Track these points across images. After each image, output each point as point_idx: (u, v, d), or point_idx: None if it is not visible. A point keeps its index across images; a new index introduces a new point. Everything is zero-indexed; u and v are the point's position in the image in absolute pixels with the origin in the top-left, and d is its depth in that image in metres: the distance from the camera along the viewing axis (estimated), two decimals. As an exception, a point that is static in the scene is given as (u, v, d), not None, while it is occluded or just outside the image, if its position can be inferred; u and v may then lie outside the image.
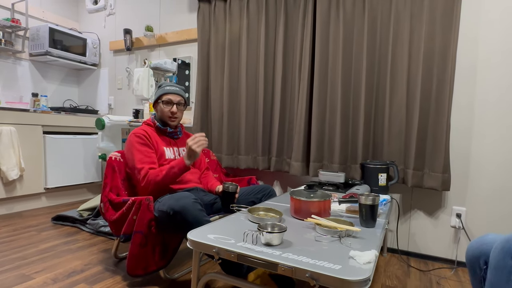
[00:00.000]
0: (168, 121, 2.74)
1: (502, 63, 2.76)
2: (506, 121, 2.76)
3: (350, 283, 1.30)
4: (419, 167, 2.95)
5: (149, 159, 2.53)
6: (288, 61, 3.55)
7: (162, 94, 2.70)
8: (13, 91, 4.76)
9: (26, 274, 2.46)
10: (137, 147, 2.53)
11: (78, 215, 3.70)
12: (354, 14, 3.16)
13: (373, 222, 2.03)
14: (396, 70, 3.03)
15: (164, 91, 2.70)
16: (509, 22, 2.73)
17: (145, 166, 2.47)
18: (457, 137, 2.94)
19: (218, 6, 3.86)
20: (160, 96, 2.70)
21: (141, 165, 2.48)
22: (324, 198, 2.17)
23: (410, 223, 3.17)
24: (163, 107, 2.69)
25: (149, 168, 2.47)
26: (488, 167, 2.84)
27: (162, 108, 2.69)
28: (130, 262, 2.25)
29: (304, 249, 1.61)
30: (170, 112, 2.70)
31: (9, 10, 4.64)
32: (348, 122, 3.24)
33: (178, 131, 2.84)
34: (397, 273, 2.77)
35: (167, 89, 2.71)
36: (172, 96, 2.70)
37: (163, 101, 2.68)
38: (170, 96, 2.69)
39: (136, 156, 2.51)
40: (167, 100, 2.68)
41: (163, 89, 2.71)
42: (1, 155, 3.82)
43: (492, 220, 2.85)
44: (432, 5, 2.84)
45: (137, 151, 2.52)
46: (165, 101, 2.68)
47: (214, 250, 1.65)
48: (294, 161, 3.40)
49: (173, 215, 2.14)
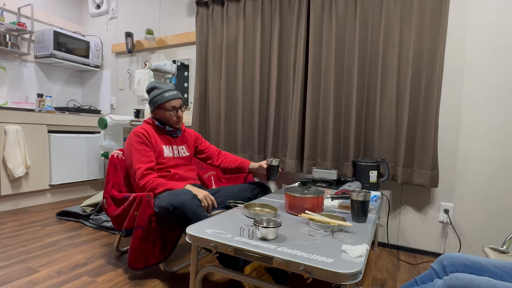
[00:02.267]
0: (174, 125, 2.71)
1: (488, 64, 2.76)
2: (492, 120, 2.76)
3: (342, 276, 1.31)
4: (408, 165, 2.94)
5: (147, 158, 2.49)
6: (283, 62, 3.54)
7: (164, 102, 2.60)
8: (19, 91, 4.75)
9: (32, 267, 2.46)
10: (135, 146, 2.50)
11: (81, 211, 3.70)
12: (346, 17, 3.15)
13: (364, 218, 2.03)
14: (387, 71, 3.03)
15: (165, 99, 2.60)
16: (495, 25, 2.73)
17: (142, 166, 2.44)
18: (445, 135, 2.94)
19: (215, 10, 3.85)
20: (162, 104, 2.61)
21: (138, 165, 2.45)
22: (317, 194, 2.17)
23: (400, 219, 3.17)
24: (168, 114, 2.63)
25: (146, 169, 2.44)
26: (475, 165, 2.84)
27: (167, 114, 2.63)
28: (131, 255, 2.25)
29: (298, 243, 1.61)
30: (177, 117, 2.68)
31: (15, 14, 4.63)
32: (340, 122, 3.23)
33: (177, 130, 2.80)
34: (387, 266, 2.77)
35: (167, 96, 2.61)
36: (175, 102, 2.63)
37: (167, 109, 2.61)
38: (173, 103, 2.62)
39: (134, 156, 2.48)
40: (172, 107, 2.62)
41: (163, 97, 2.60)
42: (7, 153, 3.82)
43: (478, 215, 2.85)
44: (421, 8, 2.84)
45: (135, 150, 2.49)
46: (169, 108, 2.61)
47: (212, 244, 1.65)
48: (288, 159, 3.39)
49: (173, 210, 2.13)
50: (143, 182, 2.40)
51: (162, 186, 2.39)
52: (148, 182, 2.40)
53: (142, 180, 2.41)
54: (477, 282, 1.28)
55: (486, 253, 1.94)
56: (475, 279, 1.30)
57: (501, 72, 2.72)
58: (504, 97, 2.71)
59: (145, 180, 2.40)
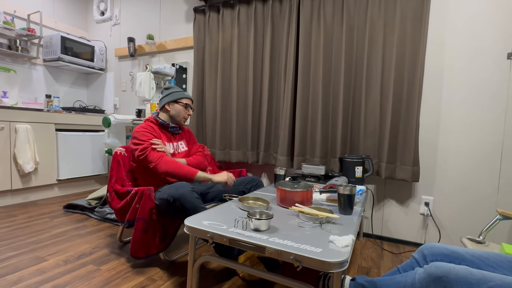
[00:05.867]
0: (181, 121, 2.76)
1: (465, 67, 2.76)
2: (470, 119, 2.76)
3: (330, 264, 1.31)
4: (391, 161, 2.94)
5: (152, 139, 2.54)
6: (275, 65, 3.52)
7: (183, 98, 2.71)
8: (28, 93, 4.72)
9: (40, 256, 2.45)
10: (142, 132, 2.52)
11: (87, 204, 3.69)
12: (334, 24, 3.14)
13: (351, 210, 2.03)
14: (371, 73, 3.02)
15: (184, 95, 2.73)
16: (472, 30, 2.73)
17: (147, 142, 2.47)
18: (426, 133, 2.94)
19: (212, 17, 3.83)
20: (180, 98, 2.70)
21: (143, 141, 2.48)
22: (306, 188, 2.18)
23: (383, 211, 3.17)
24: (181, 109, 2.70)
25: (150, 143, 2.47)
26: (453, 161, 2.84)
27: (180, 109, 2.70)
28: (133, 245, 2.26)
29: (288, 234, 1.61)
30: (188, 114, 2.76)
31: (25, 21, 4.60)
32: (328, 121, 3.22)
33: (178, 128, 2.83)
34: (372, 256, 2.77)
35: (186, 94, 2.76)
36: (189, 100, 2.76)
37: (184, 104, 2.71)
38: (188, 101, 2.75)
39: (140, 137, 2.49)
40: (186, 105, 2.73)
41: (183, 93, 2.74)
42: (18, 150, 3.82)
43: (457, 208, 2.85)
44: (403, 15, 2.83)
45: (142, 135, 2.50)
46: (185, 104, 2.72)
47: (209, 235, 1.65)
48: (280, 155, 3.38)
49: (173, 202, 2.15)
50: (156, 156, 2.43)
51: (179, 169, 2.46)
52: (163, 159, 2.44)
53: (155, 154, 2.44)
54: (455, 270, 1.28)
55: (464, 243, 1.94)
56: (453, 267, 1.29)
57: (478, 75, 2.72)
58: (480, 98, 2.72)
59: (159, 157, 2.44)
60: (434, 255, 1.55)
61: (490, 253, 1.45)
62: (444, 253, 1.52)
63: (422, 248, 1.64)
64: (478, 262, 1.42)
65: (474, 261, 1.43)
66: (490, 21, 2.68)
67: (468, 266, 1.32)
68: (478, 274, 1.25)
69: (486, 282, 1.21)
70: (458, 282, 1.25)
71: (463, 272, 1.27)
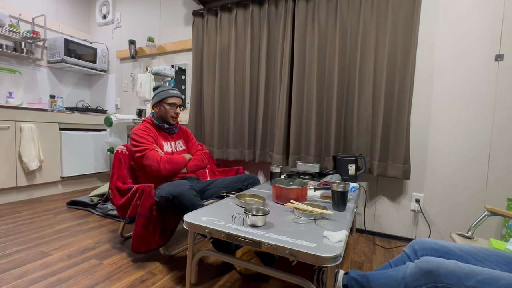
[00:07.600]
0: (170, 120, 2.73)
1: (454, 68, 2.76)
2: (458, 118, 2.76)
3: (324, 259, 1.31)
4: (383, 159, 2.94)
5: (151, 142, 2.54)
6: (270, 66, 3.51)
7: (168, 97, 2.68)
8: (33, 93, 4.71)
9: (45, 251, 2.44)
10: (139, 133, 2.53)
11: (89, 200, 3.68)
12: (327, 26, 3.14)
13: (344, 207, 2.03)
14: (364, 74, 3.02)
15: (169, 94, 2.69)
16: (460, 33, 2.73)
17: (144, 145, 2.48)
18: (417, 132, 2.94)
19: (210, 20, 3.82)
20: (165, 98, 2.68)
21: (141, 143, 2.49)
22: (301, 185, 2.17)
23: (375, 207, 3.17)
24: (168, 108, 2.68)
25: (146, 148, 2.48)
26: (443, 159, 2.84)
27: (167, 109, 2.68)
28: (134, 240, 2.26)
29: (284, 230, 1.61)
30: (175, 113, 2.73)
31: (30, 24, 4.59)
32: (322, 120, 3.22)
33: (174, 127, 2.82)
34: (365, 250, 2.76)
35: (171, 92, 2.71)
36: (176, 99, 2.71)
37: (169, 103, 2.68)
38: (174, 100, 2.70)
39: (138, 139, 2.49)
40: (173, 104, 2.69)
41: (168, 92, 2.70)
42: (23, 149, 3.80)
43: (446, 204, 2.85)
44: (395, 18, 2.83)
45: (139, 137, 2.51)
46: (171, 103, 2.68)
47: (207, 231, 1.64)
48: (275, 154, 3.37)
49: (172, 199, 2.14)
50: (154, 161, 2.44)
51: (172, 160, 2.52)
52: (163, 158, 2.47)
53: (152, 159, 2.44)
54: (444, 265, 1.27)
55: (453, 238, 1.94)
56: (443, 261, 1.29)
57: (466, 76, 2.72)
58: (469, 98, 2.72)
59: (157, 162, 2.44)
60: (424, 250, 1.55)
61: (479, 248, 1.45)
62: (434, 248, 1.52)
63: (413, 243, 1.64)
64: (466, 256, 1.42)
65: (463, 255, 1.43)
66: (478, 24, 2.67)
67: (457, 261, 1.32)
68: (467, 268, 1.24)
69: (474, 276, 1.21)
70: (447, 275, 1.25)
71: (452, 266, 1.26)
